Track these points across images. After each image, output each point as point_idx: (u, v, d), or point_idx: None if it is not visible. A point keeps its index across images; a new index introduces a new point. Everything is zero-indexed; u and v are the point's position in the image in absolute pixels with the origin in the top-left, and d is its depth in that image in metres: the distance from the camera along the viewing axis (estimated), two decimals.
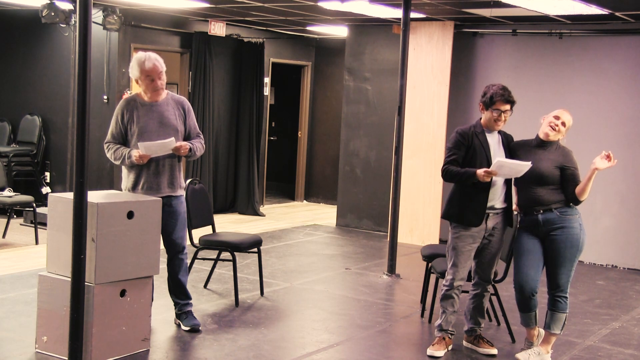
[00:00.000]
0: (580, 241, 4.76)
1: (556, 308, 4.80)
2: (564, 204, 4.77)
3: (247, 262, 7.16)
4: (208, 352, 4.77)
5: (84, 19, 3.82)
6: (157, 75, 4.88)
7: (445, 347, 4.96)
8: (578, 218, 4.78)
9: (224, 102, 10.26)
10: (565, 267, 4.76)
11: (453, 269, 4.88)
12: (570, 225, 4.74)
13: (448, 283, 4.92)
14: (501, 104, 4.74)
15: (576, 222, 4.77)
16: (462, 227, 4.82)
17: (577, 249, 4.76)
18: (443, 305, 4.94)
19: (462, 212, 4.81)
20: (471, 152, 4.78)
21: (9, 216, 8.07)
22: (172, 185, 5.02)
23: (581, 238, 4.76)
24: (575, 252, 4.75)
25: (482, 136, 4.82)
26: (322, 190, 12.02)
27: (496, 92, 4.75)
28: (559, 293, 4.79)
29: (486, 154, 4.77)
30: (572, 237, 4.73)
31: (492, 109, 4.76)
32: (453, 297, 4.91)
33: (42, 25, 8.82)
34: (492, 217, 4.84)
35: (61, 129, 9.49)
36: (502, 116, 4.77)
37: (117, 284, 4.45)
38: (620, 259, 8.10)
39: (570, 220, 4.76)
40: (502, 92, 4.74)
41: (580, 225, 4.78)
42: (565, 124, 4.83)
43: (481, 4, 7.28)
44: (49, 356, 4.48)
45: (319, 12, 8.49)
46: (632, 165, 7.99)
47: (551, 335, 4.87)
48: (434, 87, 8.71)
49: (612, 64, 8.06)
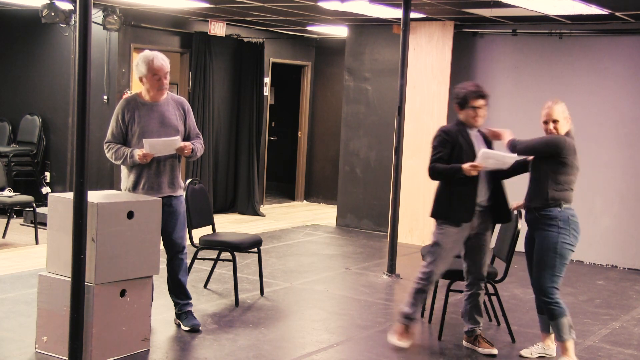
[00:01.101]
0: (558, 245, 4.56)
1: (551, 316, 4.70)
2: (543, 203, 4.61)
3: (247, 262, 7.16)
4: (208, 352, 4.77)
5: (84, 19, 3.81)
6: (164, 75, 4.89)
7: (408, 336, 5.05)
8: (557, 221, 4.58)
9: (224, 102, 10.26)
10: (545, 271, 4.61)
11: (433, 265, 4.92)
12: (547, 228, 4.60)
13: (426, 277, 4.93)
14: (475, 101, 4.83)
15: (554, 223, 4.58)
16: (449, 224, 4.85)
17: (555, 253, 4.57)
18: (416, 298, 4.96)
19: (451, 209, 4.84)
20: (457, 149, 4.84)
21: (9, 216, 8.07)
22: (173, 185, 5.03)
23: (559, 241, 4.56)
24: (554, 256, 4.57)
25: (465, 133, 4.90)
26: (322, 190, 12.02)
27: (468, 91, 4.86)
28: (543, 298, 4.67)
29: (472, 149, 4.83)
30: (547, 239, 4.59)
31: (468, 107, 4.86)
32: (427, 292, 5.00)
33: (42, 25, 8.82)
34: (478, 214, 4.87)
35: (61, 129, 9.49)
36: (478, 112, 4.85)
37: (117, 284, 4.45)
38: (620, 259, 8.10)
39: (548, 222, 4.61)
40: (474, 89, 4.86)
41: (560, 228, 4.57)
42: (558, 121, 4.73)
43: (481, 4, 7.28)
44: (49, 356, 4.48)
45: (319, 12, 8.50)
46: (632, 165, 7.99)
47: (563, 343, 4.71)
48: (434, 87, 8.71)
49: (612, 64, 8.06)
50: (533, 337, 5.40)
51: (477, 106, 4.83)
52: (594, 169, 8.16)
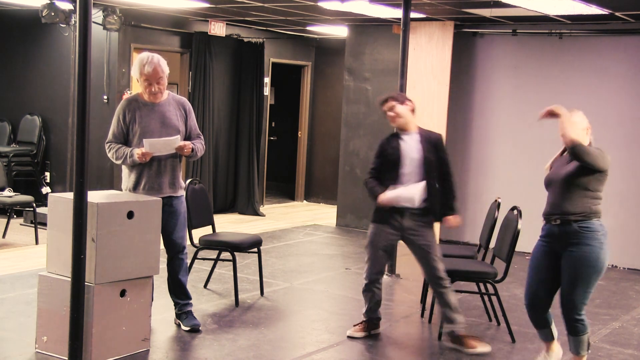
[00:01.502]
0: (600, 261, 4.30)
1: (575, 332, 4.45)
2: (585, 217, 4.32)
3: (247, 262, 7.16)
4: (208, 352, 4.77)
5: (84, 19, 3.82)
6: (155, 80, 4.87)
7: (364, 331, 5.19)
8: (600, 236, 4.31)
9: (224, 102, 10.26)
10: (579, 287, 4.33)
11: (367, 264, 5.13)
12: (588, 243, 4.30)
13: (365, 277, 5.15)
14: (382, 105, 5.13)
15: (596, 239, 4.30)
16: (377, 224, 5.04)
17: (594, 270, 4.31)
18: (364, 297, 5.20)
19: (375, 209, 5.04)
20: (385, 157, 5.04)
21: (9, 216, 8.07)
22: (173, 185, 5.03)
23: (600, 257, 4.29)
24: (591, 273, 4.31)
25: (395, 140, 5.06)
26: (322, 190, 12.02)
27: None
28: (572, 315, 4.39)
29: (397, 155, 4.98)
30: (589, 255, 4.29)
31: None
32: (372, 290, 5.15)
33: (42, 25, 8.82)
34: (409, 216, 4.96)
35: (61, 129, 9.48)
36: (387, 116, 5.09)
37: (117, 284, 4.45)
38: (620, 259, 8.10)
39: (590, 237, 4.31)
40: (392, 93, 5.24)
41: (602, 243, 4.30)
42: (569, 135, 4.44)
43: (481, 4, 7.28)
44: (49, 356, 4.48)
45: (319, 12, 8.49)
46: (632, 165, 7.99)
47: (578, 357, 4.55)
48: (434, 87, 8.70)
49: (612, 64, 8.06)
50: (533, 337, 5.40)
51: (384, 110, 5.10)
52: None
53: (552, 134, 8.38)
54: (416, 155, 4.97)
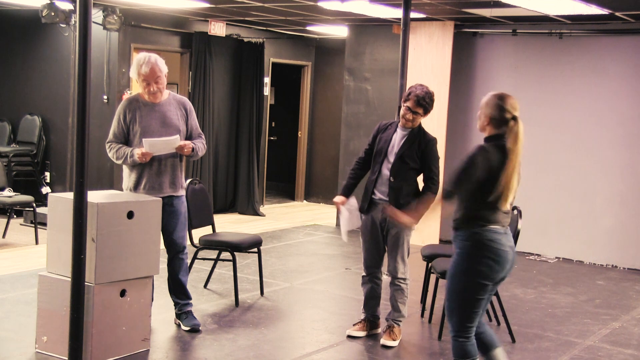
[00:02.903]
0: (459, 268, 3.70)
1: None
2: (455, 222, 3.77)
3: (247, 262, 7.16)
4: (208, 352, 4.77)
5: (84, 19, 3.81)
6: (153, 80, 4.87)
7: (364, 330, 5.23)
8: (466, 242, 3.68)
9: (224, 102, 10.26)
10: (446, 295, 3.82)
11: (363, 256, 5.22)
12: (456, 250, 3.76)
13: (363, 269, 5.23)
14: (411, 103, 4.93)
15: (462, 245, 3.71)
16: (364, 215, 5.10)
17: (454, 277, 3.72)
18: (362, 290, 5.25)
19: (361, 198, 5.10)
20: (376, 143, 5.07)
21: (9, 216, 8.07)
22: (174, 185, 5.02)
23: (462, 265, 3.69)
24: (451, 280, 3.73)
25: (391, 129, 5.06)
26: (322, 190, 12.02)
27: (415, 91, 4.95)
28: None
29: (384, 147, 5.00)
30: (452, 262, 3.77)
31: (403, 103, 4.98)
32: (368, 283, 5.20)
33: (42, 25, 8.82)
34: (381, 207, 5.01)
35: (61, 129, 9.48)
36: (408, 113, 4.93)
37: (117, 284, 4.45)
38: (620, 259, 8.10)
39: (457, 243, 3.76)
40: (420, 93, 4.94)
41: (466, 252, 3.68)
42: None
43: (481, 4, 7.28)
44: (49, 356, 4.48)
45: (319, 12, 8.49)
46: (632, 165, 7.99)
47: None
48: (434, 87, 8.57)
49: (612, 64, 8.06)
50: (533, 337, 5.40)
51: (410, 107, 4.94)
52: (594, 169, 8.17)
53: (552, 133, 8.41)
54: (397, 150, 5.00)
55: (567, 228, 8.35)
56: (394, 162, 4.97)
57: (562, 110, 8.33)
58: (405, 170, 4.98)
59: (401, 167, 4.97)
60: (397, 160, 4.97)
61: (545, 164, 8.45)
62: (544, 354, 5.06)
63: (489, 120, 3.75)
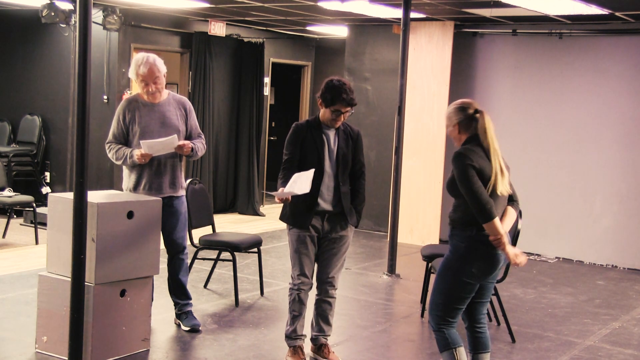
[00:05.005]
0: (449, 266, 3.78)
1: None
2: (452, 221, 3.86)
3: (247, 262, 7.15)
4: (208, 352, 4.77)
5: (84, 19, 3.81)
6: (151, 80, 4.87)
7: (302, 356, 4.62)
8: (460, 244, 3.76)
9: (224, 102, 10.26)
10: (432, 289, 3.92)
11: (294, 270, 4.67)
12: (450, 248, 3.86)
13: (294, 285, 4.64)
14: (342, 106, 4.49)
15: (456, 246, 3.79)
16: (296, 229, 4.57)
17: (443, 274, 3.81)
18: (293, 309, 4.61)
19: (292, 213, 4.55)
20: (304, 147, 4.52)
21: (9, 216, 8.07)
22: (174, 185, 5.02)
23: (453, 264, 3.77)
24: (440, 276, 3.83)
25: (316, 131, 4.56)
26: None
27: (339, 94, 4.45)
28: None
29: (318, 150, 4.51)
30: (444, 259, 3.86)
31: (331, 108, 4.49)
32: (302, 299, 4.60)
33: (42, 25, 8.82)
34: (329, 218, 4.54)
35: (61, 129, 9.48)
36: (341, 117, 4.54)
37: (117, 284, 4.45)
38: (620, 259, 8.10)
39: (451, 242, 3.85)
40: (345, 95, 4.44)
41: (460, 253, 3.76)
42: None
43: (481, 4, 7.28)
44: (49, 356, 4.48)
45: (319, 12, 8.49)
46: (632, 165, 7.99)
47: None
48: (434, 87, 8.71)
49: (612, 64, 8.06)
50: (533, 337, 5.40)
51: (343, 111, 4.52)
52: (594, 169, 8.17)
53: (552, 133, 8.41)
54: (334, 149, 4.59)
55: (567, 228, 8.35)
56: (338, 167, 4.53)
57: (562, 110, 8.33)
58: (347, 172, 4.59)
59: (345, 169, 4.57)
60: (341, 163, 4.55)
61: (545, 164, 8.45)
62: (544, 354, 5.06)
63: (458, 127, 3.86)
